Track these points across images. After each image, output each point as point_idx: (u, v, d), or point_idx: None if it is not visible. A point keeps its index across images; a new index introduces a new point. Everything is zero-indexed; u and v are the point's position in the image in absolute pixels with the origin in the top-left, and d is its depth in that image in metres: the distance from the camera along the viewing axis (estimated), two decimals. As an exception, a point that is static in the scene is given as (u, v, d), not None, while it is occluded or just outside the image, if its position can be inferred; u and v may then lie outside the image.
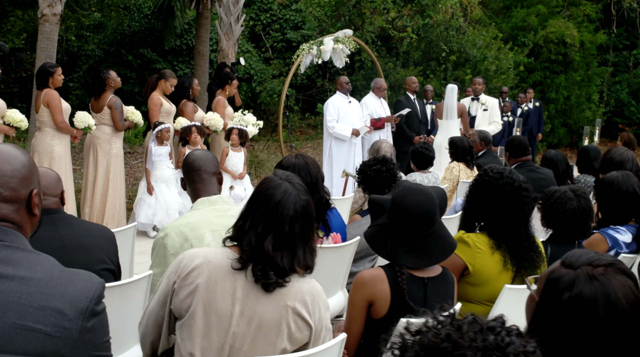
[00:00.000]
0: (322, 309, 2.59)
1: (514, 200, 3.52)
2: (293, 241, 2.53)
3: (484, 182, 3.58)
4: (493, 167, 3.65)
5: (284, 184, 2.60)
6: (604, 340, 1.64)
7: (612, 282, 1.68)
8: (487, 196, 3.54)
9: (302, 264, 2.54)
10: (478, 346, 1.16)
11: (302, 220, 2.55)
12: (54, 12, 10.97)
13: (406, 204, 3.00)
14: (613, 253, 4.53)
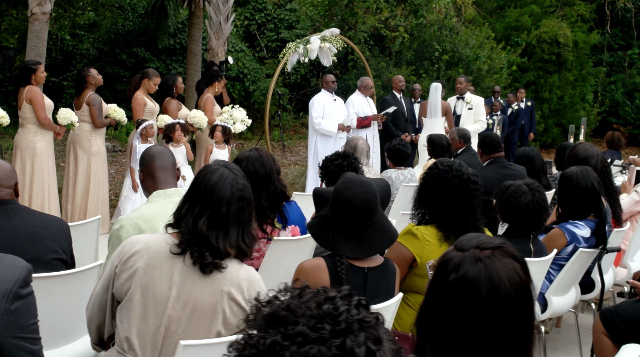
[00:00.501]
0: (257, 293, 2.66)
1: (462, 192, 3.58)
2: (227, 222, 2.60)
3: (433, 175, 3.64)
4: (443, 160, 3.70)
5: (221, 169, 2.69)
6: (487, 321, 1.69)
7: (496, 264, 1.73)
8: (436, 188, 3.60)
9: (234, 245, 2.61)
10: (312, 314, 1.21)
11: (238, 202, 2.63)
12: (44, 10, 11.05)
13: (347, 196, 3.06)
14: (571, 247, 4.60)
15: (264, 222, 4.01)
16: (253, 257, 4.11)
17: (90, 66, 15.81)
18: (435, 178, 3.61)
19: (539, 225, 4.28)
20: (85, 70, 8.30)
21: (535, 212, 4.18)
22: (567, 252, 4.61)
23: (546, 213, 4.29)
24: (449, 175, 3.59)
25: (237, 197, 2.63)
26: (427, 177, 3.67)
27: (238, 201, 2.63)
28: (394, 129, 11.02)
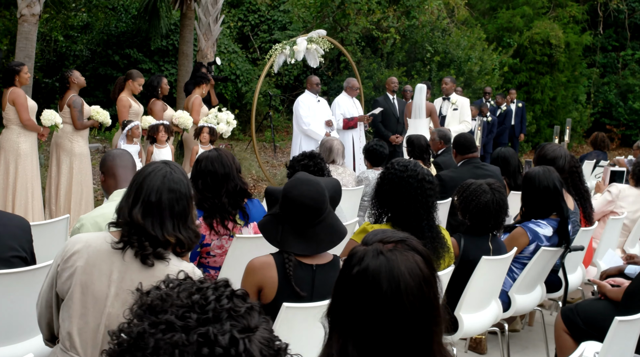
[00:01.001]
0: None
1: (417, 192, 3.65)
2: (160, 210, 2.66)
3: (390, 175, 3.71)
4: (399, 160, 3.77)
5: (158, 164, 2.77)
6: (388, 312, 1.75)
7: (397, 258, 1.79)
8: (392, 188, 3.67)
9: (171, 234, 2.67)
10: (182, 303, 1.28)
11: (170, 193, 2.69)
12: (33, 12, 11.11)
13: (294, 194, 3.13)
14: (534, 246, 4.67)
15: (225, 218, 4.09)
16: (216, 254, 4.19)
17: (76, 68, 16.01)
18: (391, 178, 3.68)
19: (498, 224, 4.34)
20: (69, 71, 8.36)
21: (495, 211, 4.24)
22: (529, 250, 4.68)
23: (505, 213, 4.35)
24: (404, 175, 3.65)
25: (168, 188, 2.69)
26: (383, 177, 3.74)
27: (169, 192, 2.69)
28: (384, 129, 11.06)
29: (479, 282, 4.13)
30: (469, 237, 4.35)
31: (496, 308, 4.46)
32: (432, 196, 3.72)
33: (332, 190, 3.42)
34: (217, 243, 4.15)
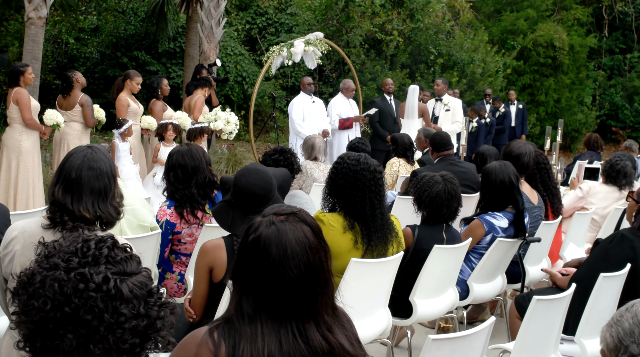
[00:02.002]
0: None
1: (371, 183, 3.91)
2: (79, 187, 2.93)
3: (343, 169, 3.95)
4: (349, 155, 4.02)
5: (81, 146, 3.08)
6: (279, 274, 2.03)
7: (286, 227, 2.07)
8: (347, 181, 3.91)
9: (89, 209, 2.93)
10: (69, 250, 1.57)
11: (89, 171, 2.96)
12: (40, 15, 11.46)
13: (243, 183, 3.43)
14: (490, 237, 4.92)
15: (195, 208, 4.40)
16: (187, 242, 4.49)
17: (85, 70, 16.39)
18: (345, 172, 3.92)
19: (452, 213, 4.60)
20: (72, 71, 8.72)
21: (447, 200, 4.51)
22: (486, 241, 4.93)
23: (458, 203, 4.60)
24: (358, 168, 3.90)
25: (87, 166, 2.96)
26: (336, 171, 3.98)
27: (89, 170, 2.96)
28: (381, 129, 11.33)
29: (432, 269, 4.39)
30: (423, 227, 4.62)
31: (453, 295, 4.72)
32: (382, 185, 3.99)
33: (281, 179, 3.70)
34: (188, 231, 4.45)
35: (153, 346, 1.66)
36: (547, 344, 3.59)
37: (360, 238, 3.88)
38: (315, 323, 2.08)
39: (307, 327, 2.06)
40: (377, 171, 3.97)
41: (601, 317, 3.91)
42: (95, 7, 18.35)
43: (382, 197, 3.99)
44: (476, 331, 2.78)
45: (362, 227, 3.91)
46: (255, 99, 17.82)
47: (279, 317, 2.04)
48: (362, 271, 3.81)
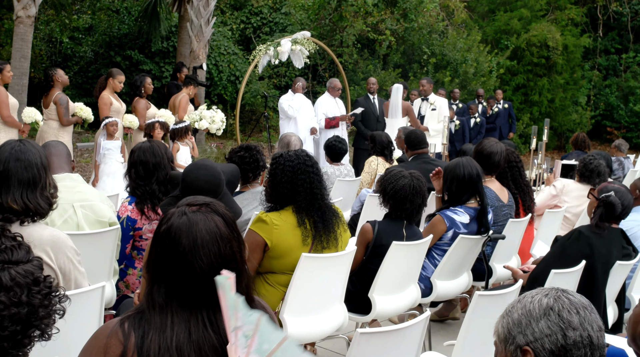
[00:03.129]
0: (67, 255, 3.03)
1: (312, 177, 3.91)
2: (7, 178, 2.98)
3: (281, 166, 3.93)
4: (286, 152, 4.01)
5: (11, 140, 3.11)
6: (189, 262, 2.04)
7: (197, 218, 2.08)
8: (290, 178, 3.91)
9: (16, 201, 2.96)
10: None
11: (16, 162, 3.00)
12: (28, 14, 11.53)
13: (191, 178, 3.44)
14: (451, 233, 4.93)
15: (156, 204, 4.41)
16: (148, 238, 4.50)
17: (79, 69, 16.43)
18: (283, 168, 3.91)
19: (414, 210, 4.60)
20: (53, 70, 8.74)
21: (411, 195, 4.51)
22: (448, 237, 4.94)
23: (422, 199, 4.61)
24: (294, 163, 3.91)
25: (15, 158, 3.00)
26: (276, 170, 3.95)
27: (16, 161, 3.00)
28: (364, 128, 11.34)
29: (391, 266, 4.39)
30: (384, 222, 4.62)
31: (415, 292, 4.72)
32: (322, 177, 3.99)
33: (230, 175, 3.72)
34: (149, 227, 4.46)
35: (38, 334, 1.68)
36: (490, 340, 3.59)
37: (307, 230, 3.88)
38: None
39: (218, 317, 2.08)
40: (315, 165, 3.99)
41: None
42: (89, 7, 18.40)
43: (322, 191, 3.98)
44: (408, 326, 2.79)
45: (310, 223, 3.91)
46: (248, 99, 17.94)
47: (189, 306, 2.06)
48: (314, 265, 3.82)
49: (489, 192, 5.49)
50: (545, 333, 1.79)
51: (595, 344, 1.76)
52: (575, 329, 1.76)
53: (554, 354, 1.77)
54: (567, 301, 1.81)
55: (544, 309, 1.81)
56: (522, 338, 1.81)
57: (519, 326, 1.82)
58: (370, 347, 2.68)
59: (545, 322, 1.79)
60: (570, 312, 1.78)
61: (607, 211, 4.30)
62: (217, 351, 2.04)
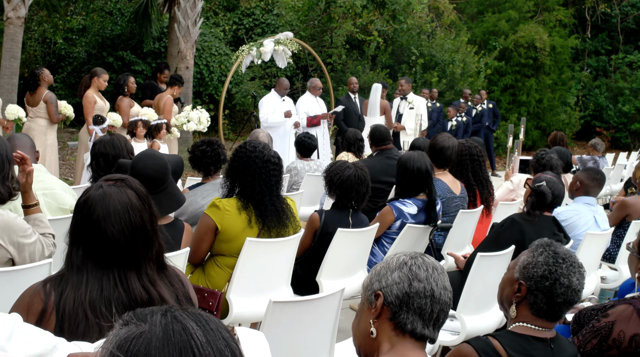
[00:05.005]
0: (14, 235, 3.32)
1: (262, 171, 4.18)
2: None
3: (240, 154, 4.23)
4: (251, 141, 4.30)
5: None
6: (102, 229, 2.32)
7: (112, 190, 2.37)
8: (240, 165, 4.20)
9: (10, 191, 3.29)
10: None
11: None
12: (18, 15, 11.79)
13: (140, 166, 3.73)
14: (399, 223, 5.21)
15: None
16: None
17: (72, 69, 16.72)
18: (241, 156, 4.22)
19: (360, 198, 4.90)
20: (39, 69, 9.03)
21: (356, 184, 4.81)
22: (396, 227, 5.22)
23: (366, 188, 4.90)
24: (252, 155, 4.19)
25: None
26: (235, 154, 4.26)
27: None
28: (345, 127, 11.62)
29: (337, 251, 4.66)
30: (331, 212, 4.92)
31: (363, 277, 5.00)
32: (276, 176, 4.26)
33: (175, 165, 4.01)
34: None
35: None
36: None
37: (254, 218, 4.16)
38: (137, 274, 2.39)
39: (128, 277, 2.38)
40: (272, 162, 4.23)
41: (481, 295, 4.22)
42: (82, 8, 18.71)
43: (272, 186, 4.24)
44: (322, 296, 3.07)
45: (254, 209, 4.19)
46: (239, 99, 18.24)
47: (102, 266, 2.35)
48: (258, 250, 4.10)
49: (441, 184, 5.78)
50: (395, 281, 2.06)
51: (437, 298, 2.04)
52: (420, 282, 2.04)
53: (399, 299, 2.04)
54: (420, 260, 2.10)
55: (399, 264, 2.09)
56: (377, 284, 2.10)
57: (378, 275, 2.11)
58: (284, 317, 2.96)
59: (397, 273, 2.07)
60: (420, 268, 2.07)
61: (538, 200, 4.57)
62: (126, 306, 2.33)
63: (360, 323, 2.15)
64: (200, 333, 1.20)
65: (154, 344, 1.16)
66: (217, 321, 1.26)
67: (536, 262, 2.49)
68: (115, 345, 1.16)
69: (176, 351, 1.16)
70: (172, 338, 1.18)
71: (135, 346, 1.16)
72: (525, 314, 2.51)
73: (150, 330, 1.18)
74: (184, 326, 1.20)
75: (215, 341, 1.20)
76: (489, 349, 2.40)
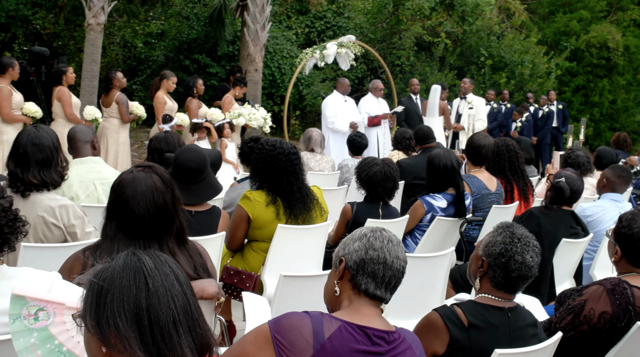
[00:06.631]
0: (70, 216, 3.83)
1: (287, 164, 4.59)
2: (26, 160, 3.79)
3: (262, 155, 4.63)
4: (267, 140, 4.70)
5: (28, 127, 3.93)
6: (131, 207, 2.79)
7: (140, 175, 2.83)
8: (266, 165, 4.60)
9: (35, 176, 3.78)
10: None
11: (32, 146, 3.81)
12: (98, 21, 12.56)
13: (181, 158, 4.22)
14: (430, 216, 5.55)
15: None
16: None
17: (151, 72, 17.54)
18: (264, 157, 4.61)
19: (387, 193, 5.26)
20: (113, 73, 9.72)
21: (382, 180, 5.18)
22: (427, 219, 5.54)
23: (393, 184, 5.26)
24: (274, 152, 4.60)
25: (31, 143, 3.81)
26: (257, 156, 4.66)
27: (32, 146, 3.81)
28: (407, 126, 11.95)
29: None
30: (362, 204, 5.30)
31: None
32: (299, 164, 4.67)
33: (213, 158, 4.48)
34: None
35: (5, 244, 2.46)
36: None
37: (282, 210, 4.58)
38: (159, 245, 2.87)
39: (152, 247, 2.84)
40: (292, 153, 4.64)
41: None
42: (161, 13, 19.60)
43: (298, 174, 4.65)
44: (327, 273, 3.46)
45: (282, 202, 4.60)
46: (309, 100, 18.76)
47: (130, 237, 2.84)
48: (288, 235, 4.53)
49: (477, 181, 6.07)
50: (355, 249, 2.45)
51: (389, 265, 2.41)
52: (375, 250, 2.42)
53: (356, 264, 2.42)
54: (379, 233, 2.48)
55: (360, 235, 2.49)
56: (342, 251, 2.49)
57: (344, 245, 2.50)
58: (292, 288, 3.37)
59: (357, 243, 2.46)
60: (376, 240, 2.45)
61: (556, 195, 4.85)
62: None
63: (328, 283, 2.56)
64: (150, 262, 1.72)
65: (116, 270, 1.69)
66: (168, 258, 1.78)
67: (495, 242, 2.85)
68: (92, 274, 1.69)
69: (131, 273, 1.68)
70: (128, 265, 1.70)
71: (104, 273, 1.69)
72: (487, 287, 2.87)
73: (115, 262, 1.73)
74: (139, 258, 1.73)
75: (162, 267, 1.72)
76: (452, 315, 2.76)
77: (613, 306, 3.09)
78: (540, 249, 2.88)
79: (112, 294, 1.65)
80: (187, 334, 1.68)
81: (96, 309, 1.65)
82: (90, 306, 1.66)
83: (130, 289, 1.65)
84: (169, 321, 1.65)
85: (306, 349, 2.24)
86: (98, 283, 1.66)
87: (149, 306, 1.64)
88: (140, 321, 1.63)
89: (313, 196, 4.74)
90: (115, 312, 1.63)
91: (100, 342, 1.66)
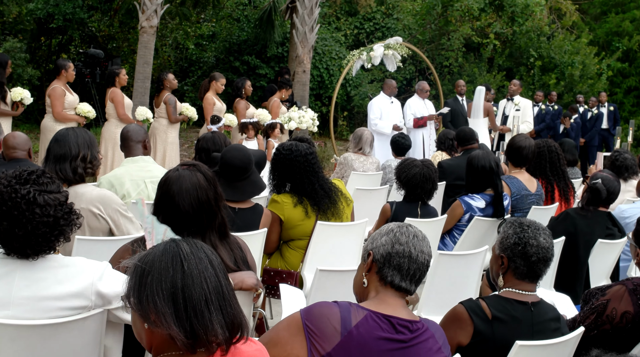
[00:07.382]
0: (112, 208, 4.06)
1: (305, 165, 4.78)
2: (64, 158, 4.02)
3: (280, 158, 4.82)
4: (283, 145, 4.88)
5: (63, 128, 4.15)
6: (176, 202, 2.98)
7: (185, 173, 3.02)
8: (286, 168, 4.79)
9: (73, 170, 4.02)
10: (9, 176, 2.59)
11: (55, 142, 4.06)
12: (151, 24, 12.93)
13: (228, 157, 4.42)
14: (468, 216, 5.65)
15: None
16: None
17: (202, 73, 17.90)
18: (282, 161, 4.81)
19: (426, 194, 5.39)
20: (164, 74, 10.02)
21: (421, 182, 5.32)
22: (465, 219, 5.65)
23: (432, 185, 5.39)
24: (292, 156, 4.79)
25: (54, 139, 4.09)
26: (276, 161, 4.86)
27: (55, 142, 4.07)
28: (452, 128, 12.03)
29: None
30: (401, 203, 5.45)
31: (433, 264, 5.49)
32: (317, 163, 4.85)
33: (258, 157, 4.68)
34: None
35: (61, 235, 2.68)
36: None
37: (310, 208, 4.76)
38: (202, 239, 3.05)
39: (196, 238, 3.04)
40: (309, 153, 4.83)
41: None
42: (212, 15, 19.98)
43: (317, 172, 4.84)
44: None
45: (309, 200, 4.79)
46: (357, 101, 18.91)
47: (176, 231, 3.02)
48: (326, 233, 4.72)
49: (517, 182, 6.14)
50: (382, 243, 2.60)
51: (414, 259, 2.56)
52: (401, 245, 2.57)
53: (383, 257, 2.57)
54: (405, 229, 2.63)
55: (388, 231, 2.64)
56: (370, 245, 2.65)
57: (372, 239, 2.66)
58: (329, 282, 3.54)
59: (385, 237, 2.61)
60: (402, 235, 2.60)
61: (593, 196, 4.91)
62: None
63: (357, 275, 2.72)
64: (187, 247, 2.00)
65: (157, 254, 1.98)
66: (204, 245, 2.05)
67: (507, 235, 3.00)
68: (137, 259, 1.93)
69: (169, 257, 1.96)
70: (167, 250, 1.98)
71: (147, 257, 1.97)
72: (510, 280, 3.00)
73: (156, 248, 2.01)
74: (177, 244, 2.01)
75: (197, 252, 2.00)
76: (476, 308, 2.90)
77: (635, 306, 3.19)
78: (550, 232, 3.01)
79: (152, 275, 1.91)
80: (218, 312, 1.92)
81: (138, 288, 1.91)
82: (134, 285, 1.93)
83: (167, 270, 1.91)
84: (201, 300, 1.90)
85: (334, 335, 2.41)
86: (141, 266, 1.93)
87: (183, 286, 1.89)
88: (175, 299, 1.88)
89: (336, 189, 4.91)
90: (154, 290, 1.88)
91: (142, 319, 1.91)
